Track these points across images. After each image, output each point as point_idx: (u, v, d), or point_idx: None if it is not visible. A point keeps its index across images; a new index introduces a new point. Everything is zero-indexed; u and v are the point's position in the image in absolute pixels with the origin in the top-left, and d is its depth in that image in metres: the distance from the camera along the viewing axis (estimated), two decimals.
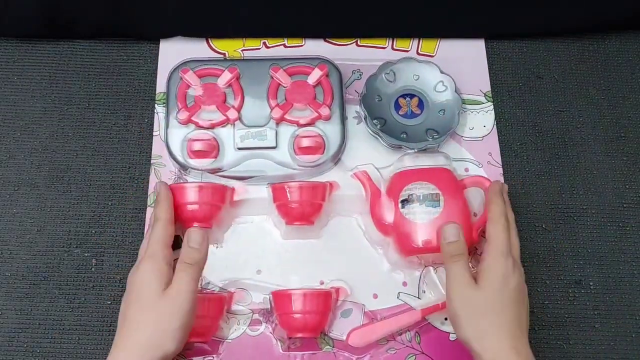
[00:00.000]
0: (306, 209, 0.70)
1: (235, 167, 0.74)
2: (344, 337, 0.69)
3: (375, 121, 0.76)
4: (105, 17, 0.79)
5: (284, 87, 0.76)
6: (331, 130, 0.75)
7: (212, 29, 0.81)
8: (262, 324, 0.70)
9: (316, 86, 0.76)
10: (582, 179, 0.78)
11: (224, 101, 0.75)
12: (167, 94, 0.77)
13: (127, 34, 0.81)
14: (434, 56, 0.82)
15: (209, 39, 0.82)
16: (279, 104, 0.75)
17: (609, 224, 0.76)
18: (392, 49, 0.83)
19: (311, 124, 0.75)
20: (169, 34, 0.82)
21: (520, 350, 0.60)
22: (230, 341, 0.69)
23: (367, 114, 0.76)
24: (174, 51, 0.81)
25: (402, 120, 0.77)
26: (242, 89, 0.76)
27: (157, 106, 0.78)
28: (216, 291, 0.71)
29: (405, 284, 0.72)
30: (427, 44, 0.83)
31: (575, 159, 0.79)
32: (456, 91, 0.78)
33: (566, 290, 0.73)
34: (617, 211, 0.76)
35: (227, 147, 0.74)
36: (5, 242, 0.73)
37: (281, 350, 0.69)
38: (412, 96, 0.79)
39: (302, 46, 0.82)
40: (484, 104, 0.80)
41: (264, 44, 0.82)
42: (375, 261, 0.73)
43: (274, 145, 0.74)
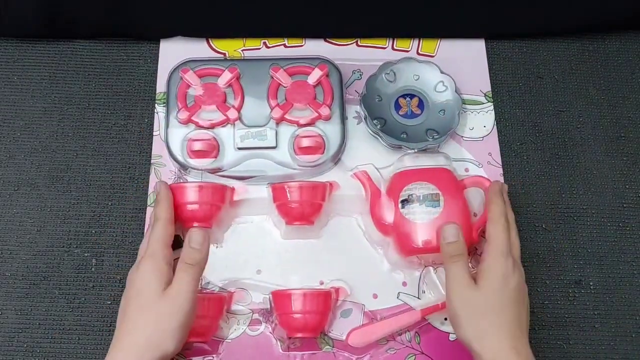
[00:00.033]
0: (306, 209, 0.70)
1: (235, 167, 0.74)
2: (344, 337, 0.69)
3: (375, 121, 0.76)
4: (105, 17, 0.79)
5: (284, 87, 0.76)
6: (331, 130, 0.75)
7: (212, 29, 0.81)
8: (262, 323, 0.70)
9: (316, 86, 0.76)
10: (582, 179, 0.78)
11: (224, 101, 0.75)
12: (167, 93, 0.77)
13: (127, 34, 0.81)
14: (434, 56, 0.82)
15: (209, 39, 0.82)
16: (279, 104, 0.75)
17: (609, 224, 0.76)
18: (392, 49, 0.83)
19: (311, 124, 0.75)
20: (169, 34, 0.82)
21: (520, 350, 0.59)
22: (230, 341, 0.69)
23: (367, 114, 0.76)
24: (174, 51, 0.81)
25: (402, 120, 0.77)
26: (242, 88, 0.76)
27: (157, 106, 0.78)
28: (216, 291, 0.71)
29: (405, 284, 0.72)
30: (427, 44, 0.83)
31: (575, 159, 0.79)
32: (456, 91, 0.78)
33: (566, 290, 0.73)
34: (617, 211, 0.76)
35: (227, 147, 0.74)
36: (5, 242, 0.73)
37: (281, 350, 0.69)
38: (412, 96, 0.79)
39: (302, 46, 0.82)
40: (484, 104, 0.80)
41: (264, 44, 0.82)
42: (375, 261, 0.73)
43: (274, 145, 0.74)
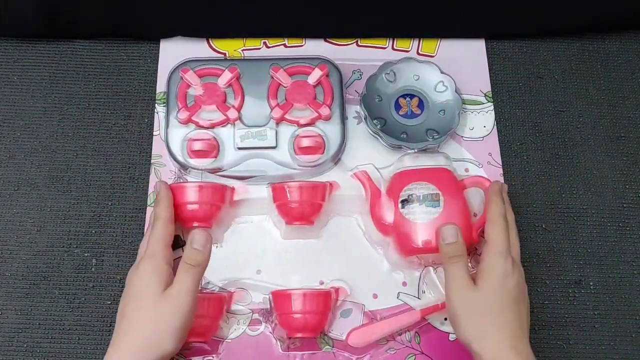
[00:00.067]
0: (306, 209, 0.70)
1: (235, 166, 0.74)
2: (344, 337, 0.69)
3: (375, 121, 0.76)
4: (105, 17, 0.79)
5: (284, 87, 0.76)
6: (331, 130, 0.75)
7: (212, 29, 0.81)
8: (261, 323, 0.70)
9: (316, 86, 0.76)
10: (582, 179, 0.78)
11: (224, 101, 0.75)
12: (167, 93, 0.77)
13: (127, 34, 0.81)
14: (434, 56, 0.82)
15: (209, 39, 0.82)
16: (279, 103, 0.75)
17: (609, 224, 0.76)
18: (393, 49, 0.83)
19: (311, 124, 0.75)
20: (169, 34, 0.82)
21: (521, 350, 0.59)
22: (230, 341, 0.69)
23: (367, 114, 0.76)
24: (174, 51, 0.81)
25: (402, 120, 0.77)
26: (242, 88, 0.76)
27: (157, 106, 0.78)
28: (216, 291, 0.71)
29: (405, 284, 0.72)
30: (428, 44, 0.83)
31: (575, 159, 0.79)
32: (456, 91, 0.78)
33: (566, 290, 0.73)
34: (617, 211, 0.76)
35: (227, 146, 0.74)
36: (5, 242, 0.73)
37: (281, 350, 0.69)
38: (412, 96, 0.79)
39: (302, 46, 0.82)
40: (484, 104, 0.80)
41: (265, 43, 0.82)
42: (375, 261, 0.73)
43: (274, 145, 0.74)
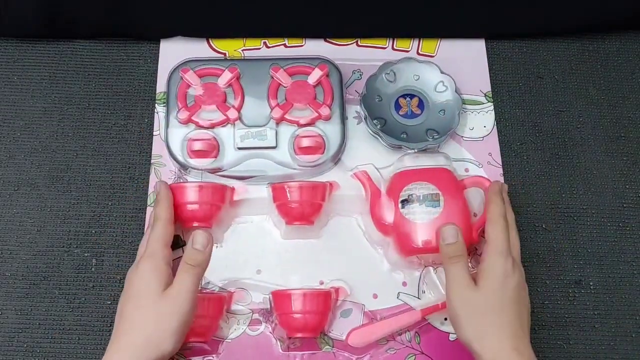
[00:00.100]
0: (306, 209, 0.70)
1: (235, 166, 0.74)
2: (344, 337, 0.69)
3: (375, 121, 0.76)
4: (105, 17, 0.79)
5: (284, 87, 0.76)
6: (331, 130, 0.75)
7: (212, 29, 0.81)
8: (261, 323, 0.70)
9: (316, 86, 0.76)
10: (582, 179, 0.78)
11: (224, 101, 0.75)
12: (167, 93, 0.77)
13: (127, 34, 0.81)
14: (434, 56, 0.82)
15: (209, 39, 0.82)
16: (279, 103, 0.75)
17: (609, 224, 0.76)
18: (393, 49, 0.83)
19: (311, 124, 0.75)
20: (169, 34, 0.82)
21: (522, 350, 0.59)
22: (230, 341, 0.69)
23: (367, 114, 0.76)
24: (174, 51, 0.81)
25: (402, 120, 0.77)
26: (242, 88, 0.76)
27: (157, 106, 0.78)
28: (216, 291, 0.71)
29: (405, 284, 0.72)
30: (428, 44, 0.83)
31: (575, 159, 0.79)
32: (456, 91, 0.78)
33: (566, 290, 0.73)
34: (617, 211, 0.76)
35: (227, 146, 0.74)
36: (5, 242, 0.73)
37: (281, 350, 0.69)
38: (412, 96, 0.79)
39: (302, 46, 0.82)
40: (484, 104, 0.80)
41: (265, 43, 0.82)
42: (375, 261, 0.73)
43: (274, 145, 0.74)
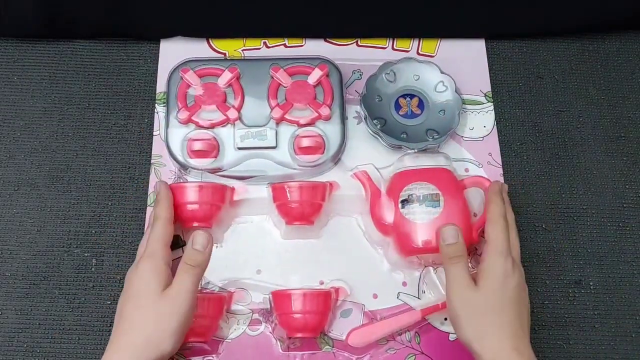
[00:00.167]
0: (306, 209, 0.70)
1: (235, 166, 0.74)
2: (344, 337, 0.69)
3: (375, 121, 0.76)
4: (105, 17, 0.79)
5: (284, 87, 0.76)
6: (331, 130, 0.75)
7: (212, 29, 0.81)
8: (261, 323, 0.70)
9: (316, 86, 0.76)
10: (582, 179, 0.78)
11: (224, 101, 0.75)
12: (167, 93, 0.77)
13: (127, 34, 0.81)
14: (434, 56, 0.82)
15: (209, 39, 0.82)
16: (279, 103, 0.75)
17: (609, 224, 0.76)
18: (393, 49, 0.83)
19: (311, 124, 0.75)
20: (169, 34, 0.82)
21: (522, 351, 0.59)
22: (229, 341, 0.69)
23: (367, 114, 0.76)
24: (174, 51, 0.81)
25: (402, 120, 0.77)
26: (242, 88, 0.76)
27: (157, 106, 0.78)
28: (216, 291, 0.71)
29: (405, 284, 0.72)
30: (428, 44, 0.83)
31: (575, 159, 0.79)
32: (456, 91, 0.78)
33: (566, 290, 0.73)
34: (617, 211, 0.76)
35: (227, 146, 0.74)
36: (5, 242, 0.73)
37: (281, 350, 0.69)
38: (412, 96, 0.79)
39: (302, 46, 0.82)
40: (484, 104, 0.80)
41: (265, 43, 0.82)
42: (375, 261, 0.73)
43: (274, 145, 0.74)
